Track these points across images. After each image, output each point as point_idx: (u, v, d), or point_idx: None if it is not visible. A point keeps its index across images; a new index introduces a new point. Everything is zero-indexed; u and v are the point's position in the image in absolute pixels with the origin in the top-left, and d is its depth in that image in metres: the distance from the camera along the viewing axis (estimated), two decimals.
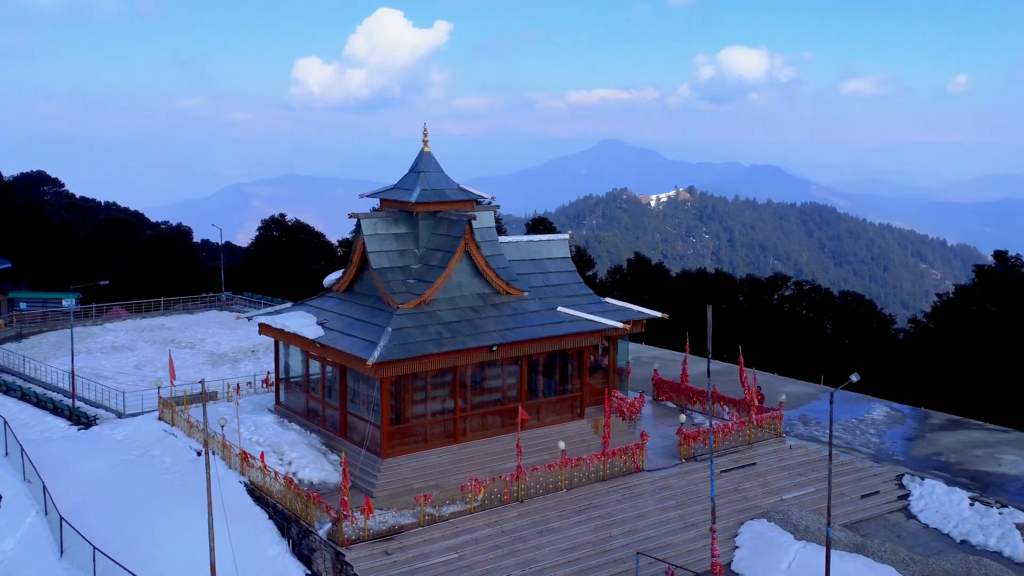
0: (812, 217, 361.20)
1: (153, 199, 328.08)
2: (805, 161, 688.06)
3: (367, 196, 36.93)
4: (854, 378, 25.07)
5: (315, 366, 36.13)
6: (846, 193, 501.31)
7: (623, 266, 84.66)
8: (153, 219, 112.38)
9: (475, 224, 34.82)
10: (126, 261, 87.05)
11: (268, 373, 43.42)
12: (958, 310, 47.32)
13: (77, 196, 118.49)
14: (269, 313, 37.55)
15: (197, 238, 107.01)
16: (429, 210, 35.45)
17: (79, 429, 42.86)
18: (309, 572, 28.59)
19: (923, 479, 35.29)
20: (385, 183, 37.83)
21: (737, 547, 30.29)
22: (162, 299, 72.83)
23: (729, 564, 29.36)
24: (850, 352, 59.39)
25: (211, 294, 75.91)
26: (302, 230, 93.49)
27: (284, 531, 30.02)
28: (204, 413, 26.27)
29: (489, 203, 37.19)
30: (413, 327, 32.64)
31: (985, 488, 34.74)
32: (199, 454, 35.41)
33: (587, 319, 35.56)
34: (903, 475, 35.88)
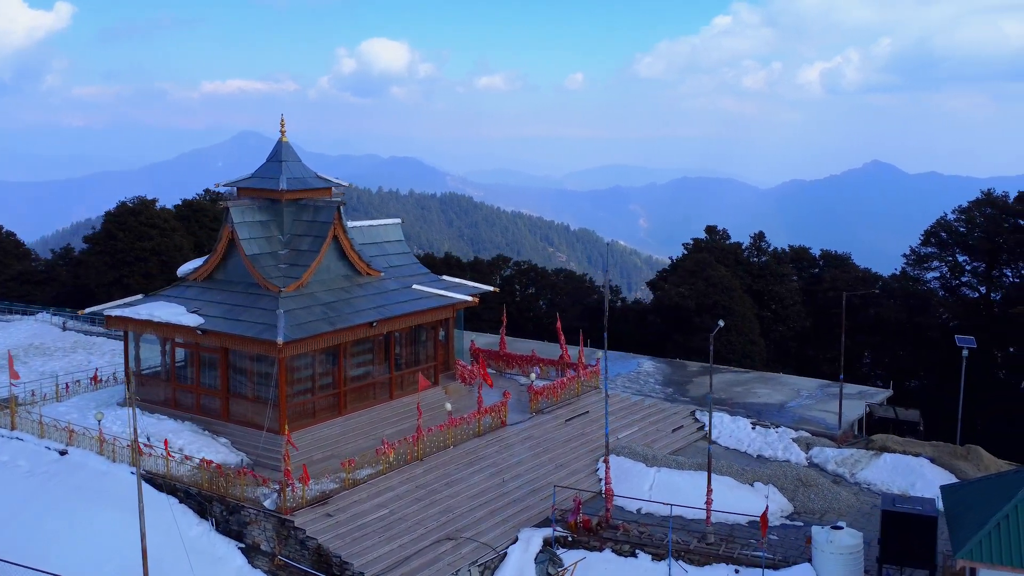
0: (451, 207, 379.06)
1: None
2: (441, 153, 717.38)
3: (226, 185, 37.47)
4: (720, 323, 31.44)
5: (181, 354, 36.32)
6: (479, 183, 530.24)
7: None
8: None
9: None
10: None
11: (96, 370, 41.95)
12: (699, 274, 56.29)
13: None
14: (120, 306, 36.90)
15: None
16: (294, 198, 36.98)
17: None
18: (242, 545, 29.74)
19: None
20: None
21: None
22: None
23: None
24: (587, 319, 67.15)
25: None
26: None
27: (204, 512, 30.71)
28: (133, 411, 26.06)
29: (343, 190, 39.30)
30: (299, 309, 34.29)
31: (757, 415, 42.90)
32: (62, 454, 34.38)
33: (442, 295, 39.03)
34: (695, 411, 43.20)
